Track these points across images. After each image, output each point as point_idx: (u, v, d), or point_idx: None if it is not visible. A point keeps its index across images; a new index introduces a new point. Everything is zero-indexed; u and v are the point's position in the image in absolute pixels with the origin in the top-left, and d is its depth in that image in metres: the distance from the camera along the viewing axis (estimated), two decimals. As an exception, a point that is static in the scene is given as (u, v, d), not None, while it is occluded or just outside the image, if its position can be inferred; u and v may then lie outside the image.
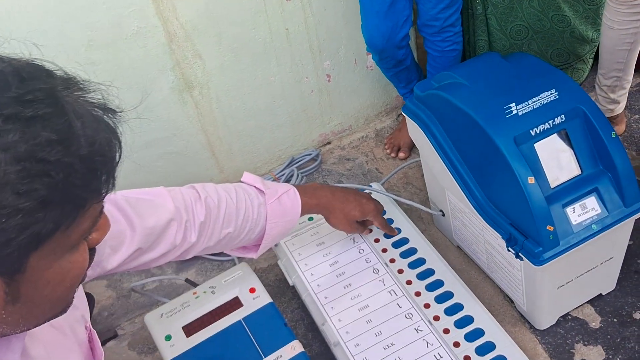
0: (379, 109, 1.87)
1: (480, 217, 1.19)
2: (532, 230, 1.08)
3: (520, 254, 1.10)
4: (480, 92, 1.16)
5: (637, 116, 1.71)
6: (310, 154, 1.78)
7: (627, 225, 1.14)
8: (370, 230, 1.38)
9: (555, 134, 1.10)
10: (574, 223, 1.09)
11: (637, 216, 1.12)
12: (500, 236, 1.14)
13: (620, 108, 1.58)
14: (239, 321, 1.21)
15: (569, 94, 1.12)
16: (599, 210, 1.10)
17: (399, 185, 1.67)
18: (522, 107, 1.11)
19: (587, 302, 1.28)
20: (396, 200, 1.45)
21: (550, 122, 1.10)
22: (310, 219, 1.45)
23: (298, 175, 1.71)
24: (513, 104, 1.11)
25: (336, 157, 1.81)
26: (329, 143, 1.86)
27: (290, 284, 1.34)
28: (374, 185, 1.50)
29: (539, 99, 1.11)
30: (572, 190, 1.10)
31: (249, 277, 1.29)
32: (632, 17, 1.37)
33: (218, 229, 0.96)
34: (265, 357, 1.15)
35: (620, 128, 1.63)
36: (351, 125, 1.86)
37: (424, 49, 1.54)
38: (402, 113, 1.33)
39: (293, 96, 1.71)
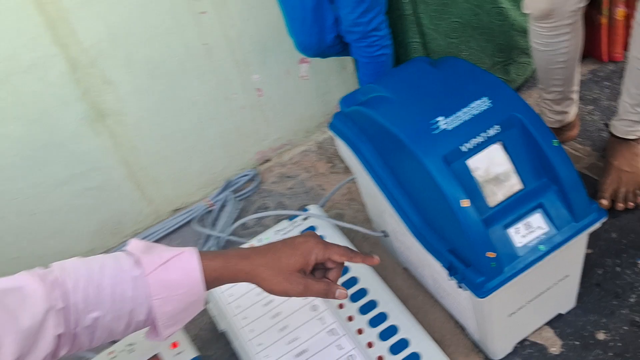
0: (319, 119, 1.75)
1: (418, 243, 1.07)
2: (471, 258, 0.96)
3: (461, 284, 0.98)
4: (406, 106, 1.04)
5: (590, 107, 1.60)
6: (247, 175, 1.64)
7: (580, 240, 1.03)
8: (343, 295, 0.95)
9: (490, 147, 0.98)
10: (518, 245, 0.97)
11: (590, 230, 1.01)
12: (441, 265, 1.02)
13: (570, 117, 1.47)
14: (158, 382, 1.08)
15: (503, 101, 1.00)
16: (546, 228, 0.99)
17: (342, 202, 1.54)
18: (451, 120, 0.98)
19: (546, 323, 1.16)
20: (337, 224, 1.32)
21: (484, 134, 0.97)
22: (243, 252, 1.31)
23: (234, 200, 1.58)
24: (441, 118, 0.99)
25: (276, 175, 1.68)
26: (268, 160, 1.73)
27: (220, 330, 1.21)
28: (311, 208, 1.38)
29: (469, 110, 0.99)
30: (514, 209, 0.98)
31: (171, 329, 1.16)
32: (557, 39, 1.27)
33: (82, 314, 0.76)
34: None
35: (574, 132, 1.51)
36: (291, 140, 1.73)
37: (352, 56, 1.41)
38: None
39: (222, 114, 1.58)
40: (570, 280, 1.11)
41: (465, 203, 0.94)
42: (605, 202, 1.31)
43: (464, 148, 0.97)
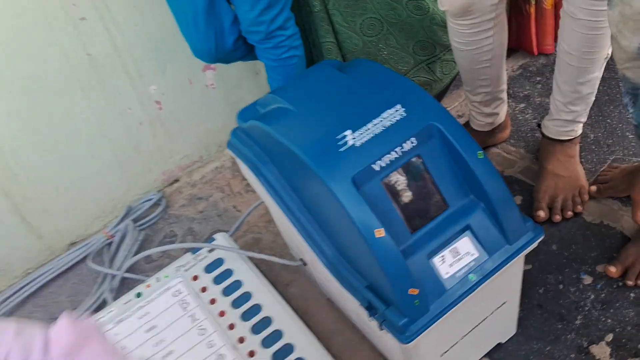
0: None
1: (333, 278, 0.91)
2: (392, 296, 0.81)
3: (383, 326, 0.83)
4: (308, 119, 0.89)
5: (522, 105, 1.49)
6: (151, 199, 1.45)
7: (516, 263, 0.89)
8: None
9: (407, 164, 0.84)
10: (445, 277, 0.83)
11: (526, 252, 0.87)
12: (360, 304, 0.87)
13: (501, 118, 1.35)
14: None
15: (420, 109, 0.86)
16: (476, 254, 0.85)
17: (259, 224, 1.38)
18: (360, 134, 0.83)
19: (485, 355, 1.03)
20: (249, 255, 1.15)
21: (399, 149, 0.83)
22: (138, 295, 1.14)
23: (134, 229, 1.39)
24: (348, 132, 0.83)
25: (186, 197, 1.49)
26: (176, 181, 1.54)
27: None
28: (219, 237, 1.20)
29: (381, 121, 0.84)
30: (438, 234, 0.84)
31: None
32: (479, 36, 1.14)
33: None
34: None
35: (506, 133, 1.39)
36: (202, 156, 1.55)
37: (260, 60, 1.24)
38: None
39: (117, 133, 1.38)
40: (508, 307, 0.98)
41: (380, 233, 0.79)
42: (542, 213, 1.19)
43: (376, 167, 0.82)
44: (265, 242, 1.34)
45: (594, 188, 1.21)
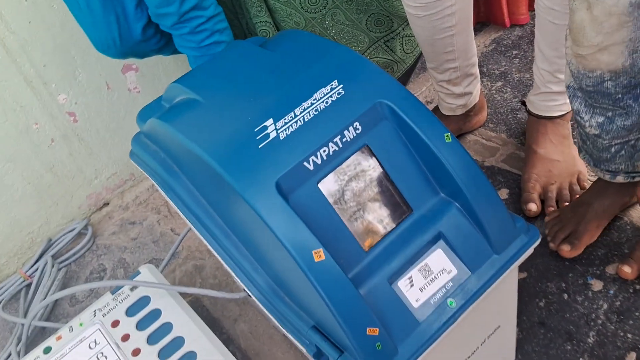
0: (167, 142, 1.35)
1: (271, 316, 0.69)
2: (345, 340, 0.59)
3: (338, 379, 0.62)
4: (219, 110, 0.67)
5: (499, 83, 1.28)
6: (74, 229, 1.23)
7: (508, 278, 0.68)
8: None
9: (352, 158, 0.62)
10: (415, 306, 0.62)
11: (519, 262, 0.66)
12: (306, 351, 0.65)
13: (475, 97, 1.14)
14: None
15: (363, 85, 0.65)
16: (454, 271, 0.64)
17: (201, 249, 1.16)
18: (285, 123, 0.62)
19: (479, 393, 0.81)
20: (181, 291, 0.93)
21: (338, 139, 0.62)
22: (47, 350, 0.91)
23: (54, 267, 1.16)
24: (269, 122, 0.62)
25: (116, 223, 1.27)
26: (105, 205, 1.32)
27: None
28: (144, 271, 0.98)
29: (312, 104, 0.63)
30: (402, 248, 0.63)
31: None
32: None
33: None
34: None
35: (482, 116, 1.19)
36: (133, 174, 1.33)
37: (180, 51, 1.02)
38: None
39: (23, 153, 1.16)
40: (503, 332, 0.77)
41: (319, 255, 0.58)
42: (533, 206, 0.98)
43: (309, 165, 0.61)
44: (209, 269, 1.12)
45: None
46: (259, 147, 0.61)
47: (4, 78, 1.08)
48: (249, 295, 0.92)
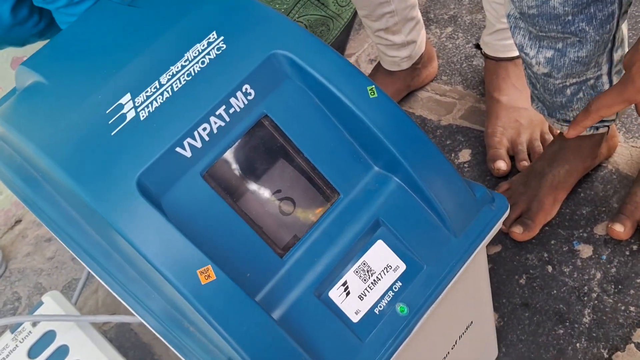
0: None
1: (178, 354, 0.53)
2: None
3: None
4: (66, 93, 0.50)
5: (449, 29, 1.12)
6: (-22, 257, 1.05)
7: (475, 264, 0.52)
8: None
9: (248, 134, 0.46)
10: (356, 319, 0.46)
11: (485, 243, 0.51)
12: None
13: (421, 46, 0.97)
14: None
15: (252, 33, 0.48)
16: (402, 266, 0.48)
17: (128, 261, 0.99)
18: (148, 97, 0.46)
19: (460, 401, 0.67)
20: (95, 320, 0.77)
21: (224, 110, 0.45)
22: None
23: (-46, 305, 0.99)
24: (126, 98, 0.46)
25: (31, 241, 1.10)
26: (18, 222, 1.14)
27: None
28: (47, 300, 0.81)
29: (183, 67, 0.47)
30: (329, 245, 0.47)
31: None
32: None
33: None
34: None
35: (433, 68, 1.02)
36: (44, 183, 1.15)
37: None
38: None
39: None
40: (477, 328, 0.61)
41: (207, 275, 0.41)
42: (501, 164, 0.83)
43: (186, 151, 0.44)
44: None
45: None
46: (112, 134, 0.44)
47: None
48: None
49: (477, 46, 0.94)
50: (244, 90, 0.46)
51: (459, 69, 1.03)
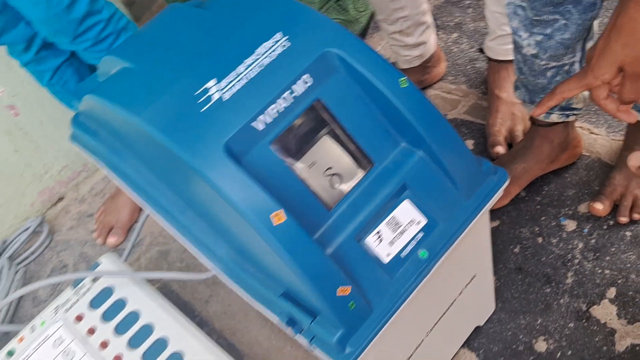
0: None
1: (239, 289, 0.66)
2: (317, 303, 0.56)
3: (313, 346, 0.59)
4: (156, 77, 0.62)
5: (455, 35, 1.25)
6: (29, 227, 1.17)
7: (480, 223, 0.65)
8: None
9: (304, 114, 0.59)
10: (386, 261, 0.59)
11: (490, 205, 0.64)
12: (278, 319, 0.62)
13: (431, 47, 1.11)
14: None
15: (310, 34, 0.61)
16: (424, 221, 0.61)
17: (165, 233, 1.11)
18: (229, 83, 0.58)
19: (463, 346, 0.80)
20: (145, 277, 0.89)
21: (288, 95, 0.58)
22: (10, 353, 0.86)
23: (11, 267, 1.11)
24: (212, 83, 0.58)
25: (74, 217, 1.22)
26: (61, 199, 1.26)
27: None
28: (104, 261, 0.93)
29: (256, 59, 0.59)
30: (366, 202, 0.59)
31: None
32: None
33: None
34: None
35: (441, 68, 1.15)
36: (85, 165, 1.27)
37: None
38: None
39: (-35, 153, 1.09)
40: (480, 280, 0.74)
41: (279, 218, 0.54)
42: (500, 148, 0.96)
43: (259, 125, 0.57)
44: (175, 254, 1.07)
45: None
46: (201, 110, 0.57)
47: None
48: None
49: (481, 50, 1.07)
50: (303, 79, 0.58)
51: (463, 71, 1.17)
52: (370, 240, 0.59)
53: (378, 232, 0.60)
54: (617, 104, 0.61)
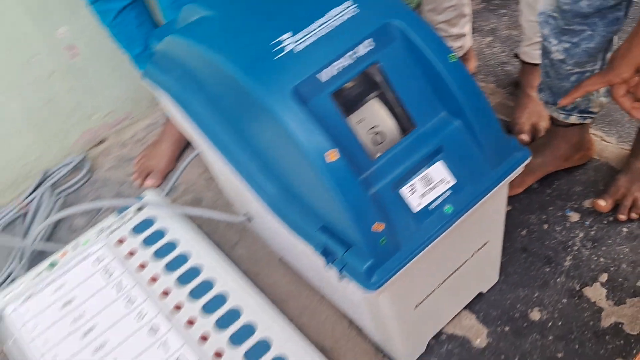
0: (164, 83, 1.38)
1: (281, 222, 0.75)
2: (353, 236, 0.65)
3: (343, 274, 0.67)
4: (236, 25, 0.71)
5: (489, 39, 1.34)
6: (71, 163, 1.26)
7: (500, 191, 0.74)
8: None
9: (363, 73, 0.67)
10: (416, 210, 0.67)
11: (511, 177, 0.72)
12: (314, 249, 0.71)
13: (468, 40, 1.20)
14: None
15: (375, 6, 0.69)
16: (453, 181, 0.69)
17: (199, 183, 1.20)
18: (302, 37, 0.66)
19: (465, 308, 0.88)
20: (185, 212, 0.98)
21: (351, 54, 0.66)
22: (52, 265, 0.95)
23: (52, 196, 1.19)
24: (287, 36, 0.67)
25: (114, 159, 1.30)
26: (102, 142, 1.35)
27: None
28: (148, 194, 1.02)
29: (327, 21, 0.68)
30: (405, 158, 0.68)
31: None
32: None
33: None
34: None
35: (471, 65, 1.25)
36: (130, 113, 1.36)
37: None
38: (144, 82, 0.85)
39: (23, 85, 1.18)
40: (490, 249, 0.83)
41: (333, 156, 0.63)
42: (525, 137, 1.06)
43: (323, 76, 0.65)
44: (208, 201, 1.16)
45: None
46: (275, 58, 0.65)
47: (5, 7, 1.10)
48: (249, 220, 0.98)
49: (516, 55, 1.16)
50: (366, 43, 0.67)
51: (493, 71, 1.25)
52: (405, 190, 0.68)
53: (412, 185, 0.68)
54: (632, 101, 0.70)
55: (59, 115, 1.25)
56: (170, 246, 0.95)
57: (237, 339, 0.82)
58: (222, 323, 0.84)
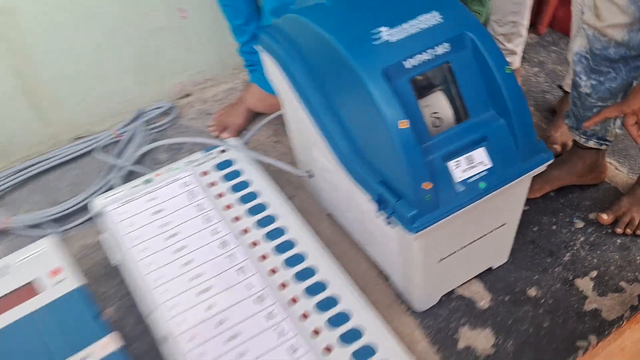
0: (249, 55, 1.59)
1: (347, 174, 0.94)
2: (405, 189, 0.85)
3: (391, 218, 0.87)
4: (344, 13, 0.91)
5: (536, 69, 1.53)
6: (161, 107, 1.47)
7: (523, 183, 0.94)
8: None
9: (436, 68, 0.87)
10: (457, 180, 0.87)
11: (535, 172, 0.91)
12: (370, 197, 0.90)
13: (517, 60, 1.39)
14: (30, 314, 0.91)
15: (455, 18, 0.89)
16: (489, 164, 0.88)
17: (267, 143, 1.40)
18: (396, 32, 0.86)
19: (475, 277, 1.07)
20: (259, 159, 1.18)
21: (431, 51, 0.86)
22: (147, 181, 1.16)
23: (145, 131, 1.41)
24: (384, 29, 0.86)
25: (196, 111, 1.51)
26: (188, 95, 1.56)
27: (113, 263, 1.05)
28: (232, 141, 1.23)
29: (417, 23, 0.87)
30: (456, 140, 0.87)
31: (53, 255, 0.99)
32: None
33: None
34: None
35: None
36: (216, 75, 1.57)
37: None
38: (256, 48, 1.06)
39: (138, 34, 1.39)
40: (506, 231, 1.02)
41: (404, 124, 0.82)
42: (557, 147, 1.25)
43: (407, 64, 0.85)
44: (273, 156, 1.36)
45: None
46: (373, 43, 0.85)
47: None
48: (310, 176, 1.18)
49: (559, 86, 1.35)
50: (444, 45, 0.87)
51: (534, 97, 1.44)
52: (451, 164, 0.87)
53: (458, 161, 0.87)
54: (638, 130, 0.89)
55: (159, 65, 1.46)
56: (245, 184, 1.15)
57: (301, 276, 0.99)
58: (280, 249, 1.04)
